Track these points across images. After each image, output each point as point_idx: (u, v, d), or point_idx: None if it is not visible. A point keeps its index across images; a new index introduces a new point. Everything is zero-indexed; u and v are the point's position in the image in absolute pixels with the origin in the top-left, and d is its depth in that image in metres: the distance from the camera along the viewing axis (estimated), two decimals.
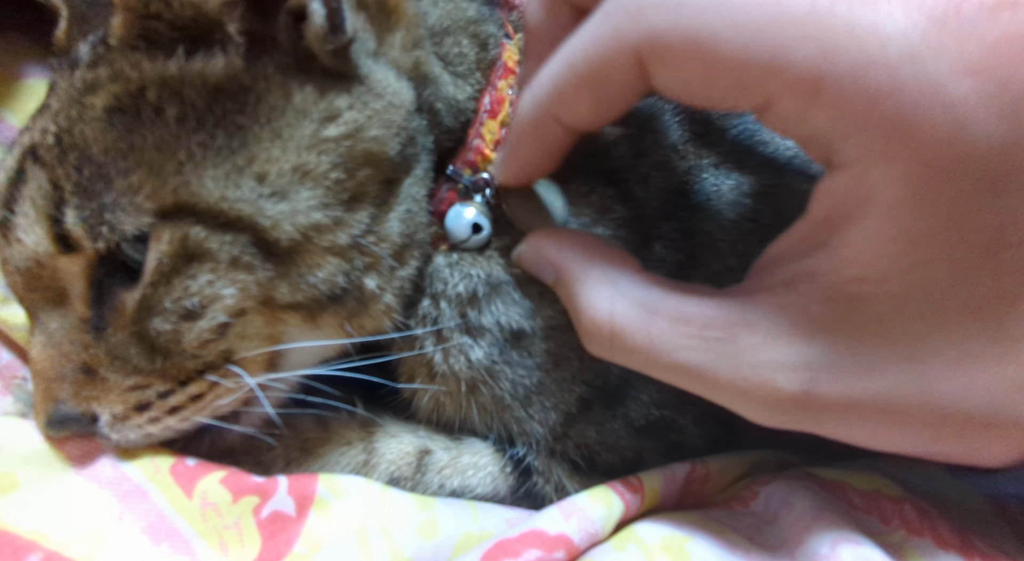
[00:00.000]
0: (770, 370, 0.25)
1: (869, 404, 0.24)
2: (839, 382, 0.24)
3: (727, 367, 0.25)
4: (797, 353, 0.24)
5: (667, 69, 0.24)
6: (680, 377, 0.27)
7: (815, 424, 0.26)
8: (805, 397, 0.24)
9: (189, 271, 0.27)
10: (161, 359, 0.28)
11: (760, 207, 0.38)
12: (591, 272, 0.29)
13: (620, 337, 0.27)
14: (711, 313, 0.26)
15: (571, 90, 0.26)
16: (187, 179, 0.27)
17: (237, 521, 0.29)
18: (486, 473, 0.37)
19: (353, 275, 0.30)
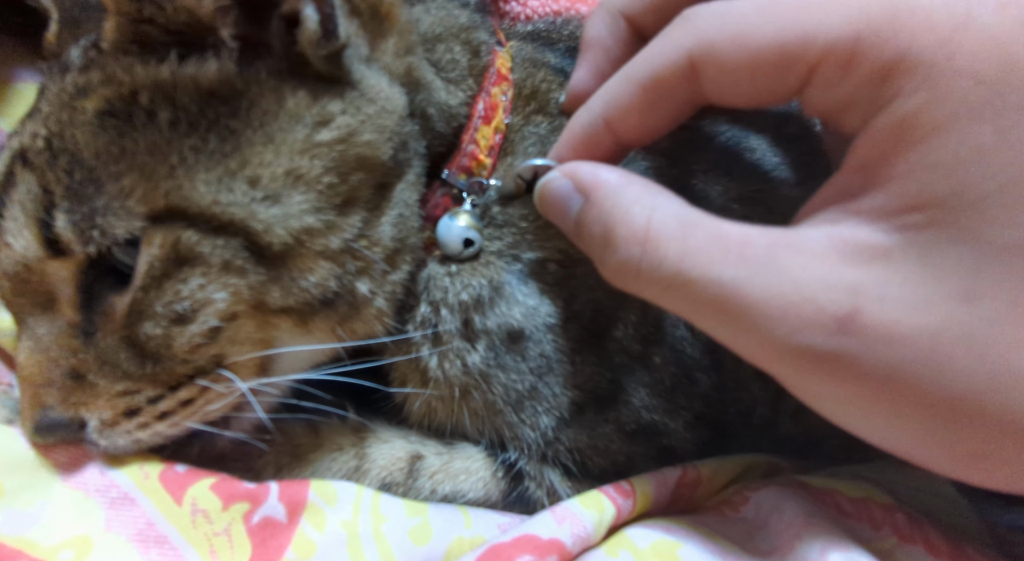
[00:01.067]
0: (812, 288, 0.23)
1: (912, 343, 0.22)
2: (886, 312, 0.22)
3: (763, 284, 0.23)
4: (844, 275, 0.23)
5: (717, 68, 0.26)
6: (707, 296, 0.25)
7: (847, 361, 0.23)
8: (848, 321, 0.22)
9: (180, 275, 0.27)
10: (151, 364, 0.28)
11: (748, 213, 0.38)
12: (630, 188, 0.28)
13: (654, 244, 0.26)
14: (753, 233, 0.25)
15: (625, 97, 0.28)
16: (179, 183, 0.26)
17: (227, 528, 0.28)
18: (478, 478, 0.37)
19: (345, 279, 0.30)
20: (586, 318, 0.37)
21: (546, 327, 0.35)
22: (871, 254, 0.23)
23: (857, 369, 0.23)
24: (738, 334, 0.25)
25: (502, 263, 0.35)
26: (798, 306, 0.23)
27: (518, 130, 0.37)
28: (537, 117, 0.37)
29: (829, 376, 0.23)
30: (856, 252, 0.23)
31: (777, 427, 0.43)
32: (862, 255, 0.23)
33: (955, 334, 0.22)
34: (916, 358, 0.22)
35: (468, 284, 0.34)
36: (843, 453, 0.45)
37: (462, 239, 0.34)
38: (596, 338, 0.37)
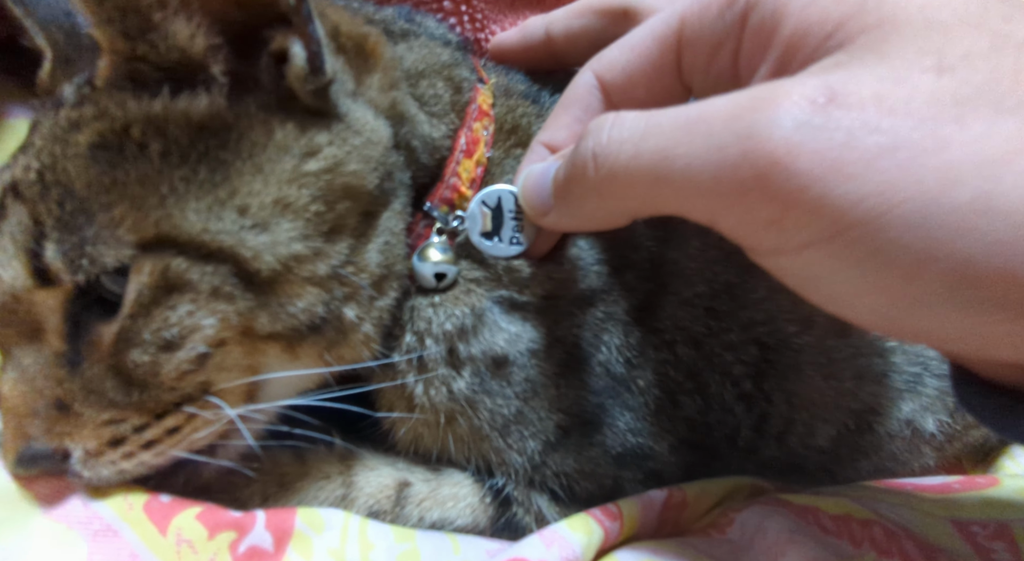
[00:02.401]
0: (786, 86, 0.21)
1: (904, 111, 0.19)
2: (867, 85, 0.20)
3: (730, 99, 0.22)
4: (808, 77, 0.21)
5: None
6: (679, 135, 0.22)
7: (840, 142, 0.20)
8: (832, 98, 0.20)
9: (169, 302, 0.27)
10: (138, 392, 0.28)
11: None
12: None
13: (621, 118, 0.25)
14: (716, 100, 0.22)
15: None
16: (169, 212, 0.27)
17: (213, 558, 0.28)
18: (466, 504, 0.37)
19: (333, 305, 0.31)
20: (569, 342, 0.37)
21: (529, 352, 0.36)
22: (824, 68, 0.21)
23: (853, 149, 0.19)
24: (723, 168, 0.21)
25: (482, 291, 0.36)
26: (771, 101, 0.21)
27: (499, 163, 0.38)
28: (517, 151, 0.38)
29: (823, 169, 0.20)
30: (813, 71, 0.22)
31: (761, 450, 0.44)
32: (819, 71, 0.21)
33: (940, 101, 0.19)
34: (914, 127, 0.19)
35: (451, 314, 0.35)
36: (826, 475, 0.46)
37: (433, 274, 0.35)
38: (580, 362, 0.38)
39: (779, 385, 0.42)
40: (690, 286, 0.39)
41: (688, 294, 0.39)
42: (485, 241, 0.35)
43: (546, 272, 0.36)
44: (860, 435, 0.44)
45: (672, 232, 0.40)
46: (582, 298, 0.37)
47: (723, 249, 0.39)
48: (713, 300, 0.40)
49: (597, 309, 0.38)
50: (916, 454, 0.46)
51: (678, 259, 0.39)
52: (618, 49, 0.31)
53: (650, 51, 0.30)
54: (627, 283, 0.38)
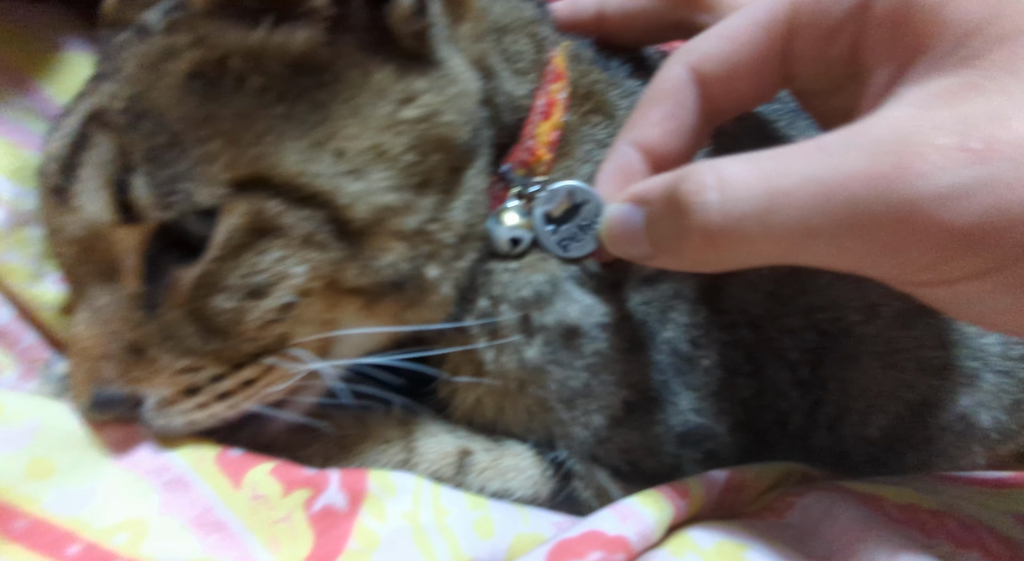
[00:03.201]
0: (920, 133, 0.20)
1: None
2: (1013, 122, 0.19)
3: (864, 153, 0.20)
4: (949, 115, 0.20)
5: None
6: (806, 199, 0.21)
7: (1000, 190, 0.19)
8: (984, 148, 0.19)
9: (260, 246, 0.26)
10: (218, 340, 0.27)
11: None
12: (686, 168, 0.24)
13: (730, 182, 0.22)
14: (821, 138, 0.21)
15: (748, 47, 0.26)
16: (266, 150, 0.26)
17: (288, 515, 0.27)
18: (527, 476, 0.36)
19: (416, 262, 0.29)
20: (637, 319, 0.36)
21: (600, 326, 0.35)
22: (959, 92, 0.20)
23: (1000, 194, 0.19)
24: (845, 227, 0.20)
25: (557, 261, 0.35)
26: (913, 156, 0.19)
27: (575, 129, 0.37)
28: (594, 117, 0.37)
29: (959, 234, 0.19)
30: (946, 96, 0.20)
31: (811, 437, 0.43)
32: (953, 97, 0.20)
33: None
34: None
35: (528, 281, 0.34)
36: (872, 465, 0.46)
37: (508, 239, 0.34)
38: (647, 339, 0.37)
39: (836, 373, 0.41)
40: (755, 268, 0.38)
41: (752, 276, 0.38)
42: (545, 225, 0.34)
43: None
44: (913, 427, 0.44)
45: None
46: (653, 275, 0.36)
47: None
48: (776, 284, 0.39)
49: (666, 285, 0.37)
50: (966, 451, 0.46)
51: None
52: (715, 39, 0.29)
53: (756, 39, 0.28)
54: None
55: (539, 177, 0.35)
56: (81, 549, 0.24)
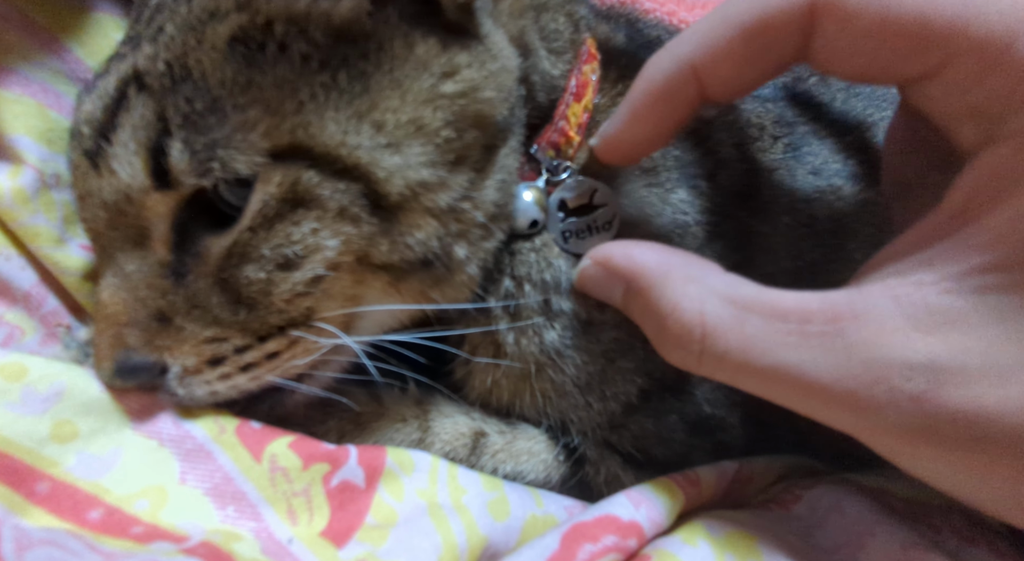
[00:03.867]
0: (885, 369, 0.21)
1: (997, 420, 0.20)
2: (968, 389, 0.20)
3: (832, 365, 0.22)
4: (916, 350, 0.21)
5: (837, 24, 0.22)
6: (777, 383, 0.24)
7: (928, 439, 0.21)
8: (925, 405, 0.21)
9: (295, 217, 0.26)
10: (245, 311, 0.27)
11: (815, 213, 0.39)
12: (673, 273, 0.26)
13: (712, 338, 0.24)
14: (812, 306, 0.23)
15: (724, 42, 0.25)
16: (307, 120, 0.25)
17: (307, 488, 0.27)
18: (539, 460, 0.36)
19: (446, 240, 0.29)
20: None
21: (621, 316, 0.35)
22: (945, 320, 0.21)
23: (939, 440, 0.21)
24: (812, 410, 0.24)
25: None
26: (870, 388, 0.21)
27: (604, 111, 0.36)
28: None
29: (908, 445, 0.22)
30: (928, 318, 0.21)
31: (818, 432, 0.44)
32: (935, 321, 0.21)
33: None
34: (1005, 430, 0.20)
35: (551, 263, 0.34)
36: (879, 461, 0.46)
37: (528, 218, 0.33)
38: None
39: None
40: (775, 261, 0.38)
41: (772, 269, 0.38)
42: (557, 210, 0.33)
43: (645, 230, 0.35)
44: None
45: (763, 205, 0.39)
46: None
47: (813, 228, 0.38)
48: (796, 277, 0.39)
49: None
50: None
51: (768, 233, 0.38)
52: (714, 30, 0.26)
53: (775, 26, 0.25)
54: (717, 251, 0.37)
55: (567, 161, 0.35)
56: (102, 514, 0.24)
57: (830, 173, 0.40)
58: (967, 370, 0.21)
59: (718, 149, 0.38)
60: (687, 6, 0.55)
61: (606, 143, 0.31)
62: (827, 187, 0.40)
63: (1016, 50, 0.20)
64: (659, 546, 0.30)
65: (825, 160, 0.41)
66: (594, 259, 0.30)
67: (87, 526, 0.23)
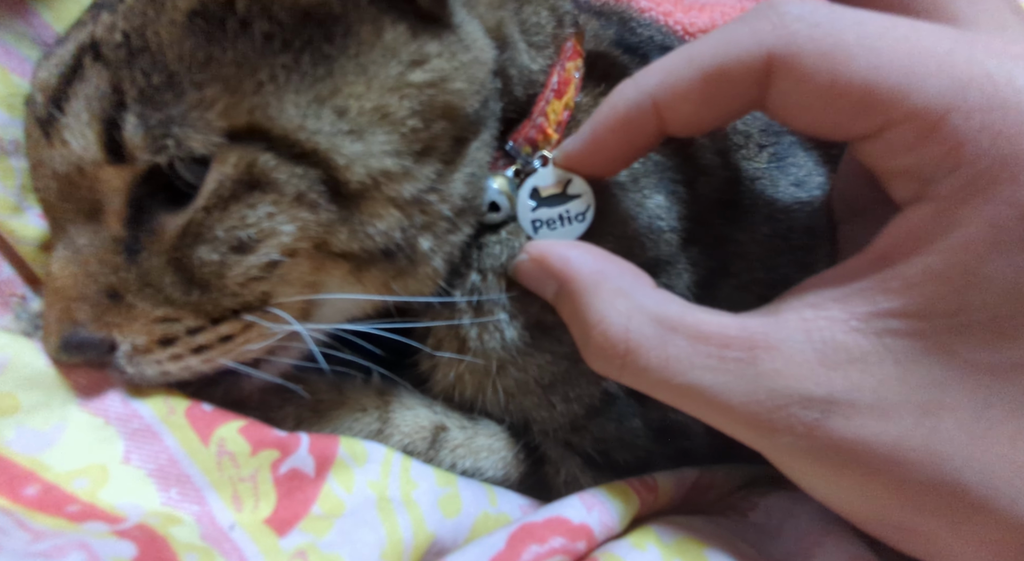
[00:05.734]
0: (786, 398, 0.24)
1: (872, 450, 0.23)
2: (853, 421, 0.23)
3: (742, 391, 0.24)
4: (817, 383, 0.23)
5: (792, 81, 0.24)
6: (690, 400, 0.26)
7: (814, 460, 0.25)
8: (815, 432, 0.24)
9: (250, 199, 0.25)
10: (198, 292, 0.26)
11: (793, 225, 0.38)
12: (604, 284, 0.28)
13: (634, 355, 0.26)
14: (732, 332, 0.25)
15: (684, 83, 0.26)
16: (266, 100, 0.25)
17: (254, 474, 0.27)
18: (499, 457, 0.36)
19: (410, 232, 0.29)
20: None
21: None
22: (848, 357, 0.23)
23: (823, 462, 0.24)
24: (721, 426, 0.26)
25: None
26: (772, 413, 0.24)
27: (586, 110, 0.36)
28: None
29: (798, 462, 0.25)
30: (833, 353, 0.24)
31: None
32: (839, 357, 0.23)
33: (913, 444, 0.23)
34: (875, 459, 0.23)
35: (514, 253, 0.33)
36: None
37: (489, 200, 0.33)
38: None
39: None
40: (750, 271, 0.38)
41: (747, 278, 0.38)
42: (528, 198, 0.33)
43: (619, 232, 0.35)
44: None
45: (743, 213, 0.38)
46: (646, 265, 0.36)
47: (789, 242, 0.38)
48: (769, 289, 0.39)
49: (659, 280, 0.36)
50: None
51: (744, 241, 0.38)
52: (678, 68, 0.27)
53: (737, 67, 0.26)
54: (692, 257, 0.37)
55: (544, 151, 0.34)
56: (39, 490, 0.24)
57: (812, 186, 0.40)
58: (856, 404, 0.23)
59: (700, 155, 0.38)
60: (684, 7, 0.54)
61: (566, 159, 0.31)
62: (808, 199, 0.40)
63: (948, 121, 0.22)
64: (608, 549, 0.30)
65: (809, 172, 0.41)
66: (531, 255, 0.31)
67: (22, 502, 0.23)
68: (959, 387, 0.22)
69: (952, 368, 0.22)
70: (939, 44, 0.22)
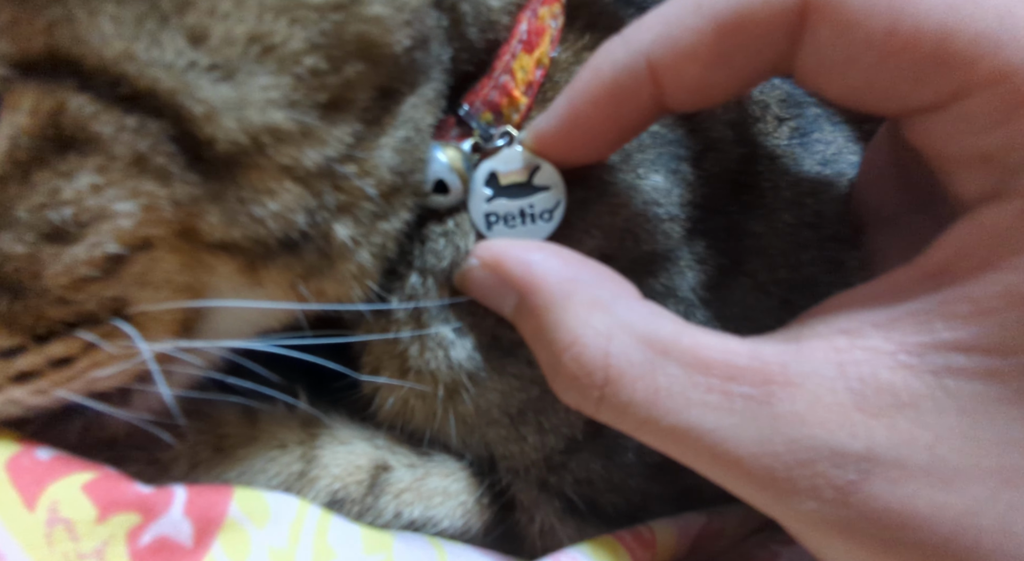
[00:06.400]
0: (811, 452, 0.19)
1: (928, 526, 0.18)
2: (901, 487, 0.18)
3: (752, 439, 0.19)
4: (853, 435, 0.18)
5: (835, 30, 0.19)
6: (684, 447, 0.21)
7: (847, 534, 0.19)
8: (850, 498, 0.19)
9: (62, 166, 0.18)
10: (8, 298, 0.19)
11: (823, 210, 0.32)
12: (577, 296, 0.22)
13: (615, 386, 0.21)
14: (741, 361, 0.20)
15: (691, 36, 0.20)
16: (71, 12, 0.17)
17: (100, 548, 0.20)
18: (458, 503, 0.29)
19: (320, 216, 0.22)
20: None
21: None
22: (895, 401, 0.19)
23: (858, 538, 0.19)
24: (722, 481, 0.21)
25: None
26: (792, 471, 0.19)
27: (565, 69, 0.29)
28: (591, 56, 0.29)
29: (824, 535, 0.20)
30: (875, 396, 0.19)
31: None
32: (882, 400, 0.19)
33: (985, 523, 0.18)
34: (932, 538, 0.18)
35: (456, 246, 0.26)
36: None
37: (435, 178, 0.26)
38: None
39: None
40: (770, 269, 0.31)
41: (765, 278, 0.31)
42: (484, 186, 0.26)
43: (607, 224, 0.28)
44: None
45: (760, 198, 0.31)
46: (641, 262, 0.29)
47: (818, 232, 0.31)
48: (792, 292, 0.32)
49: (657, 280, 0.29)
50: None
51: (762, 233, 0.31)
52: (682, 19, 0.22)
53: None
54: (697, 253, 0.30)
55: (509, 127, 0.27)
56: None
57: (844, 165, 0.33)
58: (906, 464, 0.18)
59: (708, 127, 0.31)
60: None
61: (538, 142, 0.25)
62: (837, 181, 0.33)
63: None
64: None
65: (839, 150, 0.34)
66: (482, 260, 0.24)
67: None
68: None
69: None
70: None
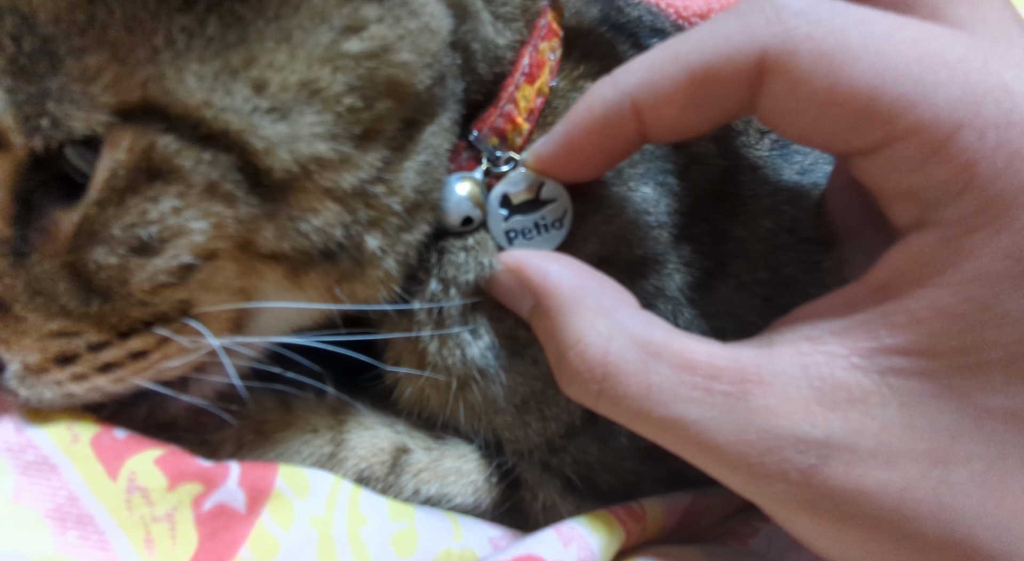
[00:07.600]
0: (779, 440, 0.22)
1: (875, 501, 0.21)
2: (853, 468, 0.21)
3: (730, 428, 0.22)
4: (813, 425, 0.21)
5: (786, 85, 0.21)
6: (672, 435, 0.24)
7: (811, 511, 0.22)
8: (812, 479, 0.22)
9: (150, 191, 0.21)
10: (99, 301, 0.22)
11: (798, 218, 0.35)
12: (584, 302, 0.25)
13: (613, 381, 0.24)
14: (721, 363, 0.23)
15: (668, 83, 0.23)
16: (162, 71, 0.21)
17: (171, 513, 0.23)
18: (469, 481, 0.32)
19: (354, 229, 0.25)
20: None
21: None
22: (848, 397, 0.22)
23: (820, 513, 0.22)
24: (704, 466, 0.24)
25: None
26: (763, 456, 0.22)
27: (563, 96, 0.32)
28: (585, 83, 0.33)
29: (792, 513, 0.23)
30: (832, 392, 0.22)
31: None
32: (838, 396, 0.22)
33: (920, 496, 0.21)
34: (879, 511, 0.21)
35: (479, 262, 0.30)
36: None
37: (461, 214, 0.29)
38: None
39: None
40: (751, 270, 0.34)
41: (747, 279, 0.34)
42: (499, 207, 0.29)
43: (603, 232, 0.31)
44: None
45: (742, 206, 0.34)
46: (634, 265, 0.32)
47: (795, 236, 0.34)
48: (773, 290, 0.35)
49: (648, 282, 0.33)
50: None
51: (744, 238, 0.34)
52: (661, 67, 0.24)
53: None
54: (684, 256, 0.33)
55: (512, 152, 0.30)
56: None
57: (819, 175, 0.36)
58: (857, 450, 0.21)
59: (693, 143, 0.34)
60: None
61: (539, 163, 0.28)
62: (813, 189, 0.36)
63: (958, 139, 0.20)
64: None
65: (815, 160, 0.37)
66: (507, 265, 0.28)
67: None
68: (971, 434, 0.21)
69: (963, 413, 0.21)
70: (951, 50, 0.20)
